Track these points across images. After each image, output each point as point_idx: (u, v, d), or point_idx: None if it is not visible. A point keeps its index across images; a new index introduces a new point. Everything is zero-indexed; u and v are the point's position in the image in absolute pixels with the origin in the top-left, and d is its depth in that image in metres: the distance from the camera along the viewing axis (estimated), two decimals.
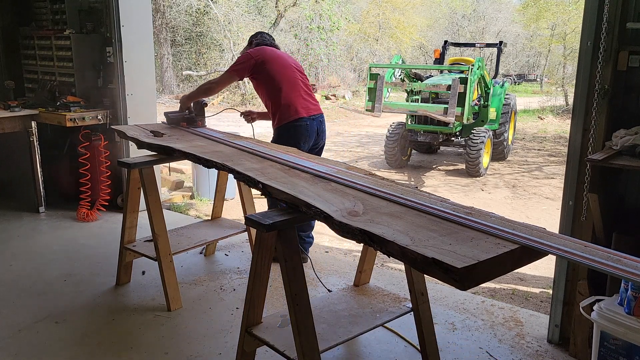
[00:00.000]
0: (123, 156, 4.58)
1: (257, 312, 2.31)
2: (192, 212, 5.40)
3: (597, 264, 1.40)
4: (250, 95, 16.19)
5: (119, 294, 3.26)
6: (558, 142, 11.80)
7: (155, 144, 2.99)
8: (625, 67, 2.42)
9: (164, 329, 2.85)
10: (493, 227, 1.65)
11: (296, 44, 18.61)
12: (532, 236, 1.57)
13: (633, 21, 2.38)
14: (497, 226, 1.66)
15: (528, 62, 29.77)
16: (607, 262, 1.41)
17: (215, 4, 16.88)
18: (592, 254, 1.46)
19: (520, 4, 23.99)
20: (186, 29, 18.41)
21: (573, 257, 1.44)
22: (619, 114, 2.49)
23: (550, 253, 1.48)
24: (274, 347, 2.19)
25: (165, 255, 3.01)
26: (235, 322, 2.86)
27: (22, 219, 4.58)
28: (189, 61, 18.60)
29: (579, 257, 1.44)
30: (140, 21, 4.51)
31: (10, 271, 3.55)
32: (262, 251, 2.15)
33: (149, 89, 4.70)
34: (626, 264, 1.40)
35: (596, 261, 1.41)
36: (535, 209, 6.65)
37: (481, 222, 1.69)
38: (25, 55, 5.08)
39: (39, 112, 4.47)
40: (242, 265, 3.66)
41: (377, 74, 7.98)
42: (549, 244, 1.51)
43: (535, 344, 2.76)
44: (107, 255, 3.75)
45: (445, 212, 1.80)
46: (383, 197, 1.98)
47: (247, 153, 2.71)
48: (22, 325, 2.86)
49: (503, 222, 1.73)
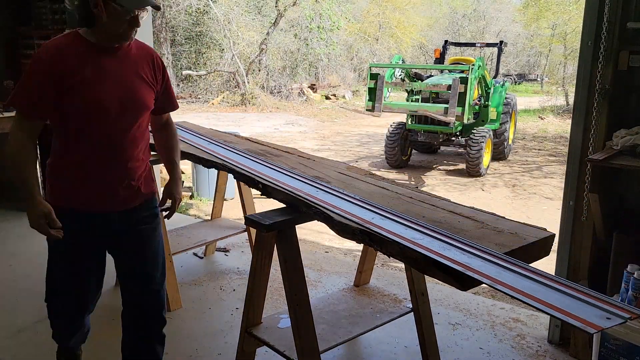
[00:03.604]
0: None
1: (257, 312, 2.31)
2: (191, 212, 5.40)
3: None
4: (250, 95, 16.19)
5: (119, 294, 3.24)
6: (558, 142, 11.79)
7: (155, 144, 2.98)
8: (625, 67, 2.42)
9: (163, 329, 2.84)
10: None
11: (296, 43, 18.61)
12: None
13: (633, 21, 2.37)
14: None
15: (528, 62, 29.77)
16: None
17: (215, 4, 16.87)
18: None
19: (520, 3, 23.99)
20: (186, 29, 18.41)
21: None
22: (620, 113, 2.49)
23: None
24: (274, 348, 2.18)
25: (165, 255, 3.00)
26: (235, 322, 2.85)
27: (22, 219, 4.54)
28: (188, 61, 18.60)
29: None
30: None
31: (10, 271, 3.54)
32: (262, 251, 2.14)
33: None
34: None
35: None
36: (535, 209, 6.64)
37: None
38: (25, 55, 5.07)
39: None
40: (242, 265, 3.66)
41: (377, 73, 7.98)
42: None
43: (535, 344, 2.76)
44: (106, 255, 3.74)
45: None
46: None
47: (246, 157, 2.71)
48: (22, 325, 2.86)
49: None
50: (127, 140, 1.89)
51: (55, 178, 1.98)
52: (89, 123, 1.82)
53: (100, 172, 1.89)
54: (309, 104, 17.07)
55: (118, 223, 1.99)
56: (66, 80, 1.74)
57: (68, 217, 1.90)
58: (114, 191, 1.92)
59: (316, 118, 14.90)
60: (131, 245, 2.08)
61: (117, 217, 1.97)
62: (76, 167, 1.91)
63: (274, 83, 17.77)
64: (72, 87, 1.75)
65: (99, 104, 1.78)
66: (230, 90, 17.12)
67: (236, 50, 17.05)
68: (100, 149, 1.85)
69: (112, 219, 1.97)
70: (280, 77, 18.11)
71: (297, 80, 18.73)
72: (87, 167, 1.89)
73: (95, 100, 1.78)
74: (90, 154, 1.87)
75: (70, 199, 1.94)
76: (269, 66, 17.83)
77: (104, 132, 1.83)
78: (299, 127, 13.14)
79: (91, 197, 1.92)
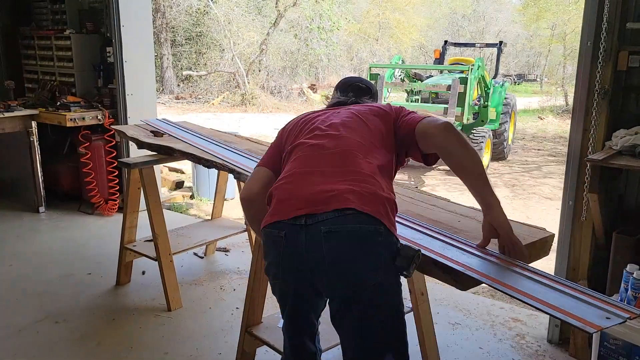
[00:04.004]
0: (123, 156, 4.58)
1: (257, 312, 2.31)
2: (192, 212, 5.40)
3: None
4: (250, 96, 16.19)
5: (119, 294, 3.26)
6: (558, 142, 11.79)
7: (155, 144, 3.00)
8: (625, 67, 2.42)
9: (164, 329, 2.85)
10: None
11: (296, 44, 18.61)
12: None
13: (633, 21, 2.38)
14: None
15: (528, 62, 29.76)
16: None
17: (215, 4, 16.88)
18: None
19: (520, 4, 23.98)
20: (186, 29, 18.41)
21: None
22: (619, 114, 2.49)
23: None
24: (274, 347, 2.19)
25: (165, 255, 3.01)
26: (235, 322, 2.85)
27: (22, 219, 4.58)
28: (189, 61, 18.60)
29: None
30: (140, 21, 4.51)
31: (10, 271, 3.55)
32: (262, 251, 2.15)
33: (149, 89, 4.70)
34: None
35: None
36: (535, 209, 6.64)
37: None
38: (26, 55, 5.07)
39: (39, 112, 4.47)
40: (242, 265, 3.66)
41: (377, 74, 7.98)
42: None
43: (535, 344, 2.76)
44: (107, 255, 3.75)
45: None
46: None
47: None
48: (22, 325, 2.86)
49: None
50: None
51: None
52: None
53: None
54: (309, 104, 17.05)
55: None
56: None
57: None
58: None
59: None
60: None
61: None
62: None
63: (274, 83, 17.77)
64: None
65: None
66: (230, 90, 17.11)
67: (236, 50, 17.05)
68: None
69: None
70: (280, 78, 18.11)
71: (297, 81, 18.74)
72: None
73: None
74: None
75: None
76: (269, 66, 17.83)
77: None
78: None
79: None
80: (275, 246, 1.49)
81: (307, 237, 1.42)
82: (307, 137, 1.65)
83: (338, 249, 1.40)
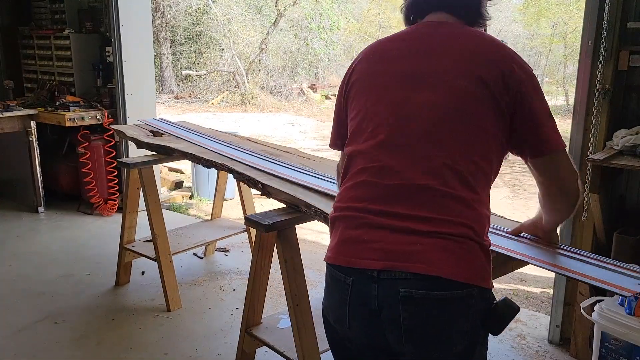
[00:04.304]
0: (122, 156, 4.58)
1: (257, 313, 2.31)
2: (191, 212, 5.39)
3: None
4: (250, 95, 16.18)
5: (119, 294, 3.25)
6: None
7: (154, 144, 2.99)
8: (626, 67, 2.41)
9: (163, 330, 2.84)
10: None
11: (296, 43, 18.59)
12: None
13: (634, 20, 2.37)
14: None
15: (529, 62, 29.66)
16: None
17: (214, 4, 16.86)
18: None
19: (520, 3, 23.96)
20: (186, 29, 18.39)
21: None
22: (620, 113, 2.49)
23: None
24: (274, 348, 2.18)
25: (164, 256, 3.00)
26: (235, 322, 2.85)
27: (22, 219, 4.58)
28: (188, 60, 18.58)
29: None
30: (139, 20, 4.50)
31: (10, 271, 3.54)
32: (262, 251, 2.14)
33: (148, 89, 4.70)
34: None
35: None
36: (535, 209, 6.61)
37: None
38: (25, 55, 5.07)
39: (38, 112, 4.46)
40: (242, 266, 3.65)
41: None
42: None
43: (535, 344, 2.75)
44: (106, 255, 3.74)
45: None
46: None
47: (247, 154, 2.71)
48: (22, 325, 2.86)
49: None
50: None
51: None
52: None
53: None
54: (309, 104, 17.04)
55: None
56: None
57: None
58: None
59: (316, 118, 14.87)
60: None
61: None
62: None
63: (274, 83, 17.76)
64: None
65: None
66: (230, 90, 17.10)
67: (236, 50, 17.04)
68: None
69: None
70: (280, 77, 18.09)
71: (297, 80, 18.72)
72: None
73: None
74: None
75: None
76: (269, 66, 17.81)
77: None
78: (299, 127, 13.12)
79: None
80: (340, 292, 1.25)
81: (381, 293, 1.17)
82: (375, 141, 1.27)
83: (418, 316, 1.16)
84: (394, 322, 1.17)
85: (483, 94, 1.21)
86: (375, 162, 1.24)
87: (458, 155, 1.20)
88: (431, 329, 1.17)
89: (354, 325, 1.25)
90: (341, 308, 1.26)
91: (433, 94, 1.23)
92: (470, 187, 1.20)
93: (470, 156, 1.21)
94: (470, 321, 1.19)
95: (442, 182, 1.18)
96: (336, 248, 1.27)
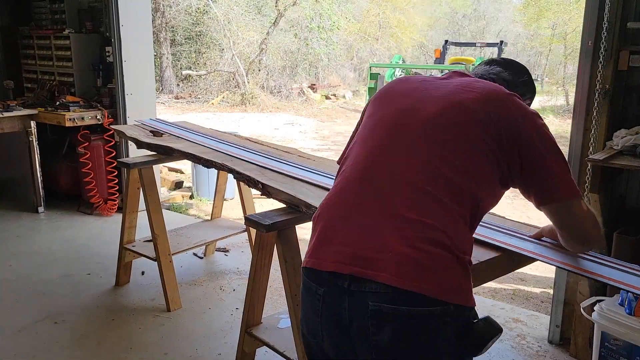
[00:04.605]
0: (122, 156, 4.58)
1: (257, 313, 2.30)
2: (191, 212, 5.39)
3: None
4: (250, 95, 16.18)
5: (119, 294, 3.25)
6: (559, 141, 11.49)
7: (154, 144, 2.99)
8: (626, 67, 2.41)
9: (163, 330, 2.84)
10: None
11: (296, 43, 18.59)
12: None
13: (634, 20, 2.37)
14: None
15: (529, 62, 29.69)
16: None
17: (214, 4, 16.86)
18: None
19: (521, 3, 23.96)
20: (186, 29, 18.39)
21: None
22: (620, 113, 2.48)
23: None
24: (274, 348, 2.18)
25: (164, 256, 3.00)
26: (235, 322, 2.85)
27: (21, 219, 4.58)
28: (188, 60, 18.58)
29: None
30: (139, 20, 4.50)
31: (10, 271, 3.54)
32: (262, 251, 2.14)
33: (148, 89, 4.70)
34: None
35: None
36: (535, 209, 6.61)
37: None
38: (25, 55, 5.07)
39: (38, 112, 4.46)
40: (242, 266, 3.65)
41: (377, 73, 8.00)
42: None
43: (535, 344, 2.75)
44: (106, 255, 3.74)
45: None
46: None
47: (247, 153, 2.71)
48: (21, 325, 2.86)
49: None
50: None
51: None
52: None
53: None
54: (309, 104, 17.05)
55: None
56: None
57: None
58: None
59: (316, 118, 14.87)
60: None
61: None
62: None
63: (274, 83, 17.76)
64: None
65: None
66: (230, 90, 17.10)
67: (236, 50, 17.03)
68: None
69: None
70: (280, 77, 18.09)
71: (297, 80, 18.72)
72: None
73: None
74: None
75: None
76: (269, 66, 17.81)
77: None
78: (299, 127, 13.12)
79: None
80: (312, 303, 1.24)
81: (351, 305, 1.15)
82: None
83: (388, 331, 1.11)
84: (364, 336, 1.14)
85: (475, 132, 1.27)
86: (365, 162, 1.30)
87: (446, 167, 1.23)
88: (402, 345, 1.11)
89: (326, 337, 1.23)
90: (314, 319, 1.24)
91: (434, 106, 1.33)
92: (458, 202, 1.20)
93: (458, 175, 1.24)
94: (446, 340, 1.13)
95: (432, 186, 1.19)
96: (311, 248, 1.27)
